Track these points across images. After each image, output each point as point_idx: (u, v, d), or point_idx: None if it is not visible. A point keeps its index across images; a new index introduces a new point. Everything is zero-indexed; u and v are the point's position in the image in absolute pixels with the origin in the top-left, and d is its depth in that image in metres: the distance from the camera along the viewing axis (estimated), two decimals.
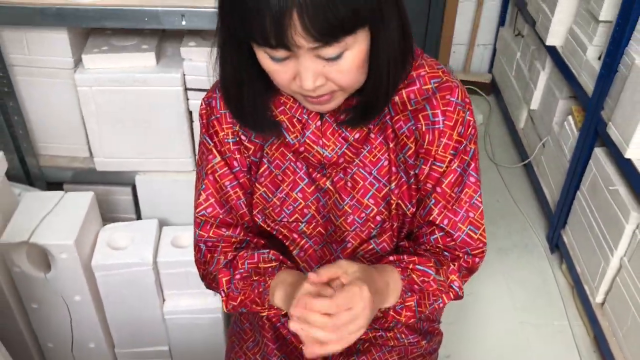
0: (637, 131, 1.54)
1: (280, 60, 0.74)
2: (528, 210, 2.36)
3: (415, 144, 0.88)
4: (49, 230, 1.36)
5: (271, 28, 0.68)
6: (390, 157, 0.90)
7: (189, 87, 1.48)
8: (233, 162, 0.93)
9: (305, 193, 0.93)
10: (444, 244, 0.92)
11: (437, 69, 0.88)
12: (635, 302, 1.57)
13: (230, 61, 0.81)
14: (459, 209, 0.90)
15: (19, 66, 1.49)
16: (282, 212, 0.94)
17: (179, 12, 1.34)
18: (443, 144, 0.87)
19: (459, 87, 0.87)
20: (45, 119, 1.59)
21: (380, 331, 1.05)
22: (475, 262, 0.93)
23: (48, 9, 1.34)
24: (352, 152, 0.90)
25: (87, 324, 1.51)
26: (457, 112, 0.87)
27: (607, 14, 1.81)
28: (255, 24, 0.69)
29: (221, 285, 0.92)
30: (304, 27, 0.67)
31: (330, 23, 0.68)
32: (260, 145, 0.92)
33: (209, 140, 0.94)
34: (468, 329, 1.89)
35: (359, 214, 0.92)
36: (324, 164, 0.91)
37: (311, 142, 0.89)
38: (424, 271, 0.88)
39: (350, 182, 0.91)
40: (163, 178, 1.62)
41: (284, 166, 0.92)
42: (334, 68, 0.75)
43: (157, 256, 1.46)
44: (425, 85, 0.87)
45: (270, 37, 0.69)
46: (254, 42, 0.73)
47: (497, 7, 3.01)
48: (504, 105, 2.87)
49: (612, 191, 1.70)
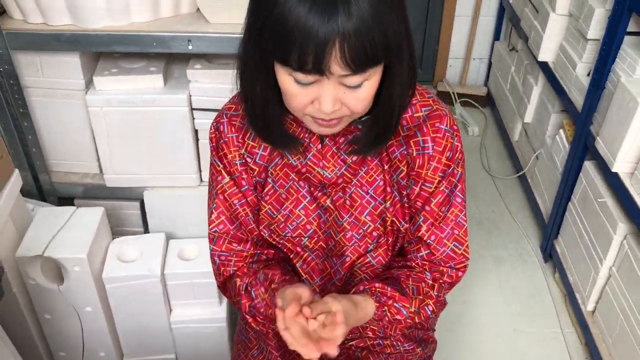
0: (624, 146, 1.61)
1: (304, 85, 0.78)
2: (522, 221, 2.43)
3: (407, 167, 0.95)
4: (62, 244, 1.42)
5: (311, 55, 0.72)
6: (385, 178, 0.97)
7: (195, 107, 1.55)
8: (241, 181, 1.00)
9: (307, 210, 1.00)
10: (429, 260, 0.99)
11: (428, 98, 0.95)
12: (624, 310, 1.64)
13: (258, 81, 0.84)
14: (445, 227, 0.98)
15: (33, 88, 1.56)
16: (286, 228, 1.01)
17: (185, 37, 1.41)
18: (432, 167, 0.94)
19: (447, 115, 0.94)
20: (57, 137, 1.66)
21: (377, 339, 1.12)
22: (458, 276, 1.01)
23: (62, 35, 1.41)
24: (350, 173, 0.97)
25: (97, 333, 1.57)
26: (446, 138, 0.94)
27: (594, 33, 1.88)
28: (294, 49, 0.72)
29: (244, 309, 1.00)
30: (342, 56, 0.72)
31: (366, 54, 0.73)
32: (265, 166, 0.99)
33: (219, 162, 1.00)
34: (463, 336, 1.95)
35: (357, 230, 0.99)
36: (325, 183, 0.97)
37: (312, 164, 0.96)
38: (399, 310, 0.97)
39: (349, 200, 0.98)
40: (170, 193, 1.68)
41: (288, 185, 0.99)
42: (352, 95, 0.80)
43: (165, 268, 1.52)
44: (416, 113, 0.94)
45: (307, 63, 0.73)
46: (286, 65, 0.75)
47: (492, 22, 3.08)
48: (499, 117, 2.94)
49: (601, 203, 1.77)
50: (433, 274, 1.00)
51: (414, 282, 0.99)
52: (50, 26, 1.43)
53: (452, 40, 3.15)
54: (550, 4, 2.19)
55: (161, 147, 1.60)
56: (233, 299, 1.03)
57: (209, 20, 1.45)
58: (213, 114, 1.53)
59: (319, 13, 0.69)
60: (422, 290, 0.99)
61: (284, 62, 0.75)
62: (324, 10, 0.69)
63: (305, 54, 0.72)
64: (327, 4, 0.69)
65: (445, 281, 1.00)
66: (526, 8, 2.48)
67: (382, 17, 0.72)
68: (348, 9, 0.70)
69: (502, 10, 2.99)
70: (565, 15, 2.13)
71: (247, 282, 1.00)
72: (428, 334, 1.20)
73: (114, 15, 1.41)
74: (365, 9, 0.70)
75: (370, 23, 0.71)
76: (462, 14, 3.06)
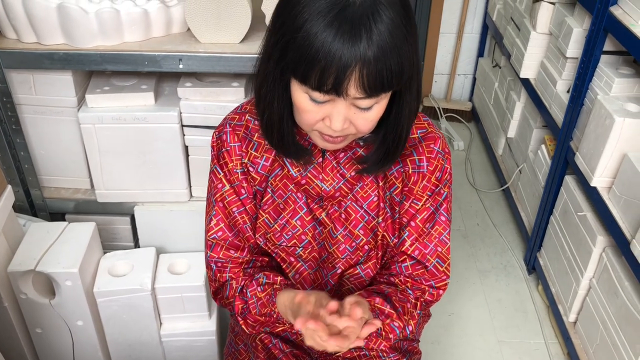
0: (601, 161, 1.66)
1: (318, 103, 0.83)
2: (506, 234, 2.48)
3: (402, 184, 1.01)
4: (54, 259, 1.43)
5: (332, 77, 0.76)
6: (379, 194, 1.01)
7: (185, 124, 1.58)
8: (241, 190, 1.03)
9: (303, 221, 1.03)
10: (414, 272, 1.03)
11: (424, 121, 1.02)
12: (604, 321, 1.68)
13: (276, 96, 0.88)
14: (429, 243, 1.02)
15: (26, 105, 1.59)
16: (282, 237, 1.04)
17: (176, 56, 1.45)
18: (422, 185, 1.00)
19: (441, 138, 1.01)
20: (49, 154, 1.68)
21: (363, 350, 1.15)
22: (439, 294, 1.05)
23: (55, 54, 1.45)
24: (347, 187, 1.01)
25: (88, 347, 1.58)
26: (438, 159, 1.00)
27: (573, 51, 1.94)
28: (317, 70, 0.77)
29: (237, 310, 1.03)
30: (360, 80, 0.77)
31: (382, 81, 0.78)
32: (266, 176, 1.03)
33: (219, 170, 1.04)
34: (449, 347, 1.98)
35: (350, 243, 1.04)
36: (322, 196, 1.02)
37: (312, 176, 1.01)
38: (393, 329, 1.02)
39: (344, 214, 1.02)
40: (160, 209, 1.71)
41: (286, 196, 1.03)
42: (361, 116, 0.85)
43: (155, 282, 1.54)
44: (412, 135, 1.00)
45: (327, 84, 0.77)
46: (305, 84, 0.80)
47: (476, 40, 3.15)
48: (483, 132, 3.00)
49: (581, 217, 1.81)
50: (415, 292, 1.04)
51: (400, 302, 1.03)
52: (43, 45, 1.46)
53: (438, 57, 3.21)
54: (531, 22, 2.25)
55: (152, 163, 1.63)
56: (225, 301, 1.06)
57: (200, 40, 1.49)
58: (203, 131, 1.58)
59: (344, 39, 0.74)
60: (407, 310, 1.04)
61: (304, 81, 0.80)
62: (349, 36, 0.74)
63: (326, 75, 0.77)
64: (352, 31, 0.74)
65: (426, 299, 1.05)
66: (508, 26, 2.55)
67: (400, 47, 0.77)
68: (370, 38, 0.75)
69: (486, 28, 3.06)
70: (546, 33, 2.19)
71: (243, 284, 1.03)
72: (413, 344, 1.24)
73: (106, 35, 1.44)
74: (385, 39, 0.76)
75: (389, 52, 0.76)
76: (447, 32, 3.13)
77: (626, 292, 1.56)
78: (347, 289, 1.08)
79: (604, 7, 1.67)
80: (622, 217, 1.59)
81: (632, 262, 1.50)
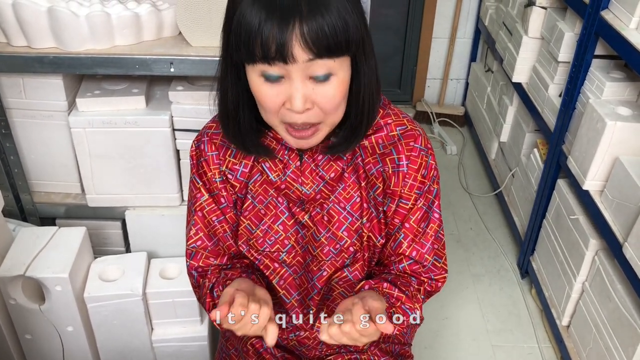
0: (593, 165, 1.67)
1: (274, 80, 0.82)
2: (500, 238, 2.48)
3: (382, 184, 0.99)
4: (44, 264, 1.43)
5: (274, 43, 0.76)
6: (362, 195, 1.00)
7: (177, 127, 1.58)
8: (220, 199, 1.02)
9: (285, 226, 1.02)
10: (412, 270, 1.03)
11: (402, 118, 1.00)
12: (596, 324, 1.68)
13: (229, 85, 0.89)
14: (426, 242, 1.02)
15: (16, 109, 1.58)
16: (264, 243, 1.03)
17: (167, 60, 1.44)
18: (408, 184, 0.99)
19: (421, 135, 0.99)
20: (40, 158, 1.67)
21: (354, 353, 1.14)
22: (438, 286, 1.05)
23: (45, 57, 1.43)
24: (328, 189, 1.00)
25: (78, 353, 1.57)
26: (421, 156, 0.98)
27: (565, 55, 1.95)
28: (258, 41, 0.77)
29: (208, 307, 1.02)
30: (303, 38, 0.77)
31: (325, 35, 0.77)
32: (245, 182, 1.02)
33: (198, 179, 1.03)
34: (442, 352, 1.97)
35: (334, 245, 1.02)
36: (303, 199, 1.01)
37: (291, 180, 1.00)
38: (405, 311, 0.98)
39: (326, 216, 1.01)
40: (151, 213, 1.70)
41: (267, 201, 1.02)
42: (320, 92, 0.83)
43: (146, 287, 1.54)
44: (391, 132, 0.98)
45: (271, 51, 0.77)
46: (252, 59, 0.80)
47: (469, 44, 3.16)
48: (476, 136, 3.00)
49: (573, 220, 1.82)
50: (417, 278, 1.04)
51: (404, 286, 1.01)
52: (33, 49, 1.45)
53: (430, 62, 3.23)
54: (523, 27, 2.26)
55: (143, 167, 1.62)
56: (201, 300, 1.05)
57: (191, 44, 1.48)
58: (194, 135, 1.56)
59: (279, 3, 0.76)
60: (412, 293, 1.01)
61: (250, 57, 0.80)
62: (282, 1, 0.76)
63: (269, 42, 0.77)
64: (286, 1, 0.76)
65: (425, 289, 1.04)
66: (500, 31, 2.56)
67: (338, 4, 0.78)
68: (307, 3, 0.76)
69: (478, 32, 3.08)
70: (538, 38, 2.20)
71: (215, 281, 1.02)
72: (404, 348, 1.23)
73: (97, 38, 1.43)
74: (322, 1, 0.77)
75: (325, 6, 0.77)
76: (440, 36, 3.14)
77: (619, 295, 1.56)
78: (338, 292, 1.07)
79: (594, 11, 1.67)
80: (614, 220, 1.59)
81: (625, 265, 1.50)
